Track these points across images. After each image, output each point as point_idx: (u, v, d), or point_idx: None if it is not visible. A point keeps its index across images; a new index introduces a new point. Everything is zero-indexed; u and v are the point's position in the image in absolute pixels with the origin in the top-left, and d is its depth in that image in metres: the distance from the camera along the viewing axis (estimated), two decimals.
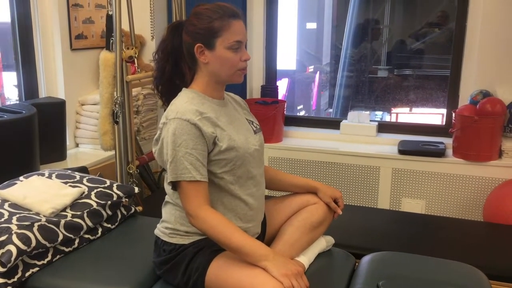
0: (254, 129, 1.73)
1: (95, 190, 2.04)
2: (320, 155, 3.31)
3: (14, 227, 1.69)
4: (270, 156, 3.41)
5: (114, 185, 2.13)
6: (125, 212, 2.14)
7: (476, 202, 3.03)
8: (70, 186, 2.02)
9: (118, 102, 2.46)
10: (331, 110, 5.89)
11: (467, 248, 2.26)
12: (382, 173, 3.19)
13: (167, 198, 1.71)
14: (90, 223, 1.92)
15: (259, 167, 1.69)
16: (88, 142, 3.20)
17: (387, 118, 5.33)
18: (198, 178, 1.51)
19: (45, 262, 1.75)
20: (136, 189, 2.23)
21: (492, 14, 3.00)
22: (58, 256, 1.80)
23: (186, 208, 1.53)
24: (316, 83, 6.19)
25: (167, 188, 1.67)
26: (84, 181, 2.09)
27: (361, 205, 3.25)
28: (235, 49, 1.58)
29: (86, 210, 1.93)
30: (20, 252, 1.63)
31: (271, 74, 3.75)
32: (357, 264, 1.88)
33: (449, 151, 3.12)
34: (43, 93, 3.08)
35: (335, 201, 1.84)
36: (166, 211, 1.69)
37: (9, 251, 1.62)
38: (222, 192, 1.61)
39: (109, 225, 2.03)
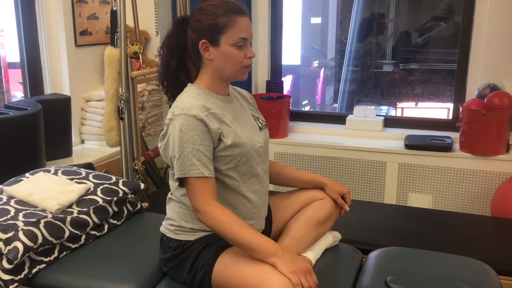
0: (260, 125, 1.72)
1: (101, 187, 2.04)
2: (325, 150, 3.30)
3: (20, 224, 1.69)
4: (275, 152, 3.40)
5: (120, 181, 2.13)
6: (131, 208, 2.13)
7: (483, 196, 3.01)
8: (76, 182, 2.02)
9: (123, 98, 2.45)
10: (336, 105, 5.87)
11: (475, 243, 2.25)
12: (389, 168, 3.17)
13: (170, 195, 1.70)
14: (96, 220, 1.92)
15: (263, 164, 1.69)
16: (93, 138, 3.20)
17: (392, 112, 5.32)
18: (206, 174, 1.50)
19: (51, 258, 1.75)
20: (142, 185, 2.23)
21: (500, 7, 2.97)
22: (64, 253, 1.80)
23: (194, 204, 1.52)
24: (321, 78, 6.17)
25: (172, 184, 1.66)
26: (90, 177, 2.09)
27: (367, 200, 3.24)
28: (240, 46, 1.56)
29: (92, 207, 1.93)
30: (26, 248, 1.63)
31: (276, 69, 3.74)
32: (364, 259, 1.88)
33: (456, 146, 3.10)
34: (48, 89, 3.08)
35: (343, 197, 1.83)
36: (170, 209, 1.69)
37: (16, 248, 1.62)
38: (226, 189, 1.60)
39: (115, 222, 2.03)
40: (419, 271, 1.70)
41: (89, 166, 2.56)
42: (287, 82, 5.02)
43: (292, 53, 5.62)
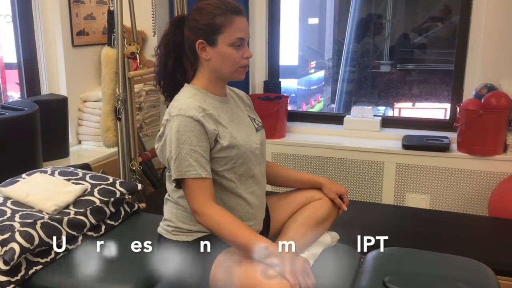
0: (256, 126, 1.71)
1: (98, 187, 2.03)
2: (323, 150, 3.29)
3: (17, 225, 1.68)
4: (273, 152, 3.40)
5: (117, 182, 2.12)
6: (128, 209, 2.13)
7: (481, 196, 3.01)
8: (73, 183, 2.01)
9: (120, 98, 2.45)
10: (333, 105, 5.87)
11: (472, 243, 2.25)
12: (386, 168, 3.17)
13: (167, 196, 1.69)
14: (93, 220, 1.91)
15: (260, 165, 1.68)
16: (90, 139, 3.19)
17: (390, 113, 5.32)
18: (204, 175, 1.50)
19: (48, 259, 1.74)
20: (139, 186, 2.23)
21: (497, 8, 2.97)
22: (61, 254, 1.79)
23: (191, 205, 1.52)
24: None
25: (168, 186, 1.65)
26: (87, 178, 2.08)
27: (365, 200, 3.24)
28: (237, 46, 1.56)
29: (89, 207, 1.92)
30: (23, 250, 1.62)
31: (274, 70, 3.74)
32: (362, 260, 1.87)
33: (454, 146, 3.10)
34: (45, 90, 3.07)
35: (340, 197, 1.82)
36: (167, 210, 1.68)
37: (12, 249, 1.61)
38: (223, 190, 1.60)
39: (112, 222, 2.02)
40: (417, 271, 1.70)
41: (86, 166, 2.54)
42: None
43: (289, 53, 5.62)
